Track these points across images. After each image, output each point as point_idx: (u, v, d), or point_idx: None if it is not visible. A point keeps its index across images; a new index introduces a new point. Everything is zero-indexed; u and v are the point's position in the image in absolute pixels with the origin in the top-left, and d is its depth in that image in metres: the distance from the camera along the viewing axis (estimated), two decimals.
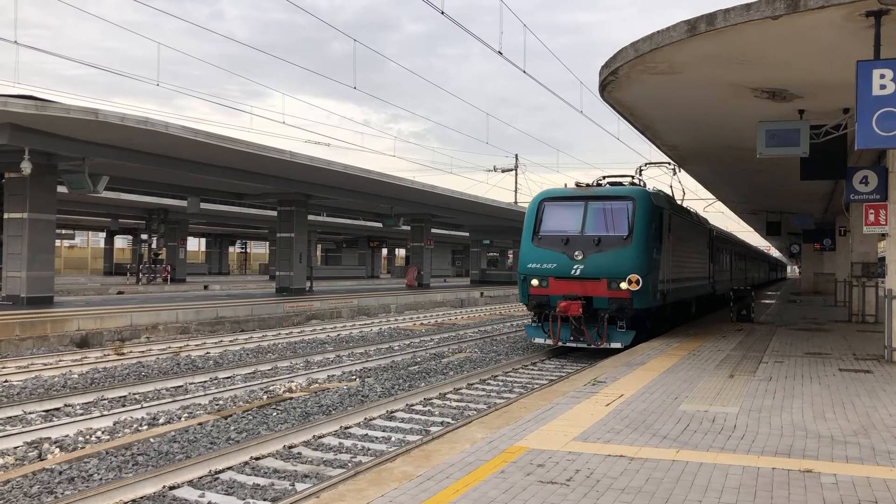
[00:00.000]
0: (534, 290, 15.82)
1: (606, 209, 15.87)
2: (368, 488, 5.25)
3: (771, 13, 9.02)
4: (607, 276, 15.11)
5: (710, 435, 6.94)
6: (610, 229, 15.58)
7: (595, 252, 15.31)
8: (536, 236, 16.13)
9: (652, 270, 15.36)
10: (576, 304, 14.84)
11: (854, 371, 11.22)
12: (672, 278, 17.47)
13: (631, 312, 15.06)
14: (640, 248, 15.20)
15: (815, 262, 46.20)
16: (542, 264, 15.69)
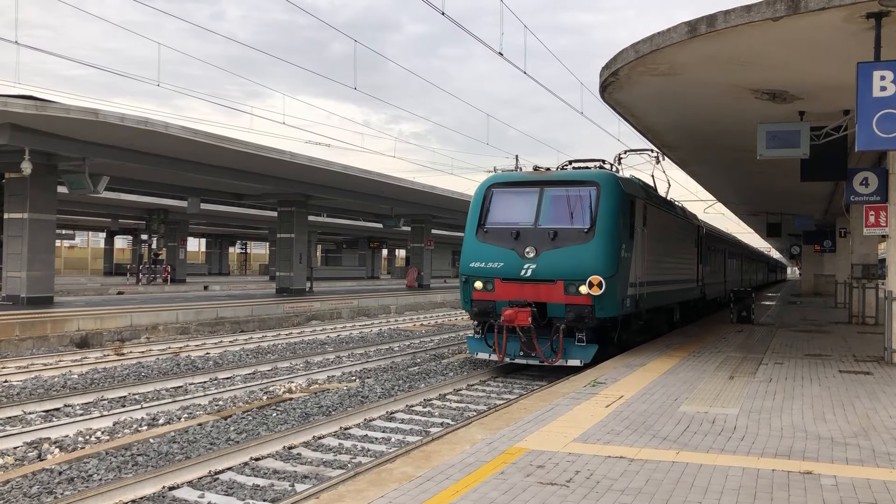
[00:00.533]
0: (477, 295, 13.26)
1: (565, 197, 13.25)
2: (368, 489, 5.25)
3: (771, 15, 9.02)
4: (564, 277, 12.50)
5: (710, 436, 6.93)
6: (568, 221, 13.02)
7: (550, 248, 12.75)
8: (482, 229, 13.52)
9: (619, 271, 12.81)
10: (523, 313, 12.42)
11: (854, 373, 11.22)
12: (648, 280, 15.03)
13: (592, 322, 12.50)
14: (604, 244, 12.59)
15: (815, 264, 46.21)
16: (487, 263, 13.13)
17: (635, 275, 13.93)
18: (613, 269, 12.58)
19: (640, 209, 14.30)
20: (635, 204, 13.95)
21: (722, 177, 24.67)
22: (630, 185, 14.07)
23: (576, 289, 12.46)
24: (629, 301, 13.57)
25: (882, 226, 14.70)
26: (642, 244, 14.52)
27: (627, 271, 13.37)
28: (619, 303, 12.94)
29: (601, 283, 12.27)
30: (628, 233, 13.42)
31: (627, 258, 13.35)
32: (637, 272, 14.06)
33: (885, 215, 14.33)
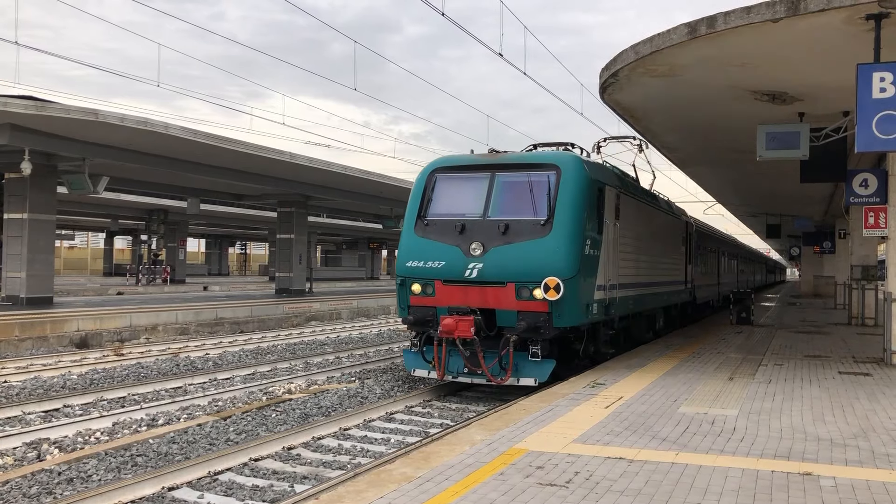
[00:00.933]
0: (415, 300, 11.29)
1: (519, 183, 11.35)
2: (367, 490, 5.25)
3: (771, 16, 9.03)
4: (515, 279, 10.61)
5: (710, 437, 6.94)
6: (522, 211, 11.07)
7: (500, 245, 10.80)
8: (421, 222, 11.55)
9: (583, 271, 10.91)
10: (465, 322, 10.46)
11: (853, 374, 11.22)
12: (623, 283, 13.18)
13: (549, 332, 10.58)
14: (563, 239, 10.69)
15: (814, 265, 46.24)
16: (427, 262, 11.16)
17: (605, 276, 12.00)
18: (574, 269, 10.63)
19: (611, 199, 12.36)
20: (605, 193, 11.97)
21: (721, 178, 24.68)
22: (599, 171, 12.14)
23: (529, 292, 10.56)
24: (597, 307, 11.63)
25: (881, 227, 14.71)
26: (615, 240, 12.57)
27: (594, 272, 11.47)
28: (582, 309, 10.97)
29: (559, 286, 10.36)
30: (595, 226, 11.48)
31: (594, 256, 11.43)
32: (608, 273, 12.14)
33: (884, 217, 14.35)
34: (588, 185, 11.23)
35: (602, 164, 13.25)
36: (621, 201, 13.03)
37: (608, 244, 12.17)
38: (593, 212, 11.42)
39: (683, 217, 20.77)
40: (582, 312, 11.02)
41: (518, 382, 10.67)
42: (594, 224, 11.45)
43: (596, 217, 11.55)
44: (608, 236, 12.16)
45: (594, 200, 11.47)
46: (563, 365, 11.29)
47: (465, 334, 10.45)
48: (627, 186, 13.92)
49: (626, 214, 13.41)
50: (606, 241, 12.06)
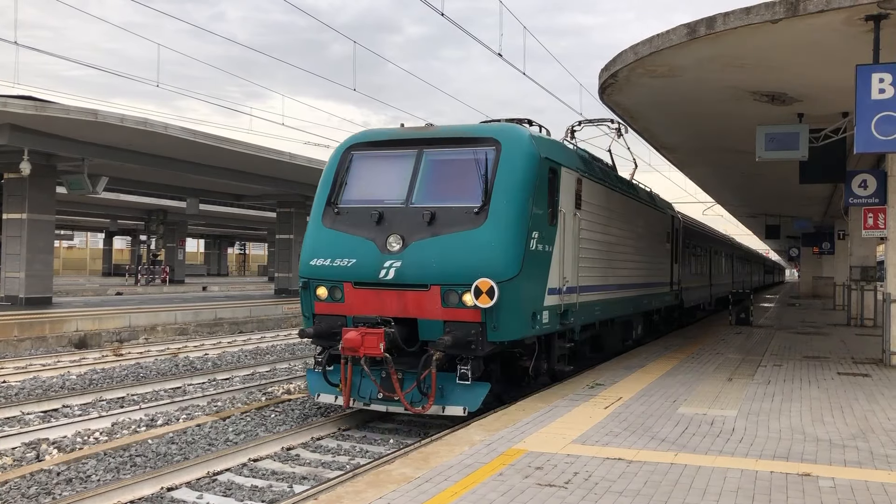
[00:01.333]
0: (321, 307, 9.32)
1: (452, 162, 9.45)
2: (366, 490, 5.25)
3: (770, 17, 9.04)
4: (441, 280, 8.65)
5: (709, 438, 6.94)
6: (453, 196, 9.15)
7: (425, 237, 8.86)
8: (332, 210, 9.60)
9: (528, 271, 8.96)
10: (373, 337, 8.40)
11: (853, 375, 11.23)
12: (587, 285, 11.34)
13: (483, 349, 8.56)
14: (501, 231, 8.73)
15: (814, 266, 46.27)
16: (335, 260, 9.20)
17: (561, 277, 10.04)
18: (515, 269, 8.67)
19: (569, 183, 10.38)
20: (560, 175, 9.98)
21: (721, 178, 24.69)
22: (552, 149, 10.07)
23: (458, 298, 8.55)
24: (549, 315, 9.67)
25: (881, 228, 14.73)
26: (575, 234, 10.67)
27: (544, 272, 9.51)
28: (526, 318, 9.00)
29: (493, 291, 8.32)
30: (546, 216, 9.51)
31: (545, 253, 9.51)
32: (565, 273, 10.21)
33: (883, 217, 14.36)
34: (535, 165, 9.23)
35: (558, 141, 11.01)
36: (584, 187, 11.16)
37: (565, 238, 10.22)
38: (543, 198, 9.41)
39: (669, 211, 18.87)
40: (526, 322, 8.97)
41: (444, 411, 8.64)
42: (544, 213, 9.43)
43: (547, 205, 9.57)
44: (566, 229, 10.23)
45: (545, 184, 9.46)
46: (510, 385, 9.79)
47: (372, 352, 8.39)
48: (594, 171, 11.99)
49: (592, 204, 11.65)
50: (563, 234, 10.10)
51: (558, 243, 9.98)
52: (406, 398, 8.62)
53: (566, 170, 10.32)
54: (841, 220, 28.14)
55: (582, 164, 11.39)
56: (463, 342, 8.53)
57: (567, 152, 10.98)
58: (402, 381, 8.67)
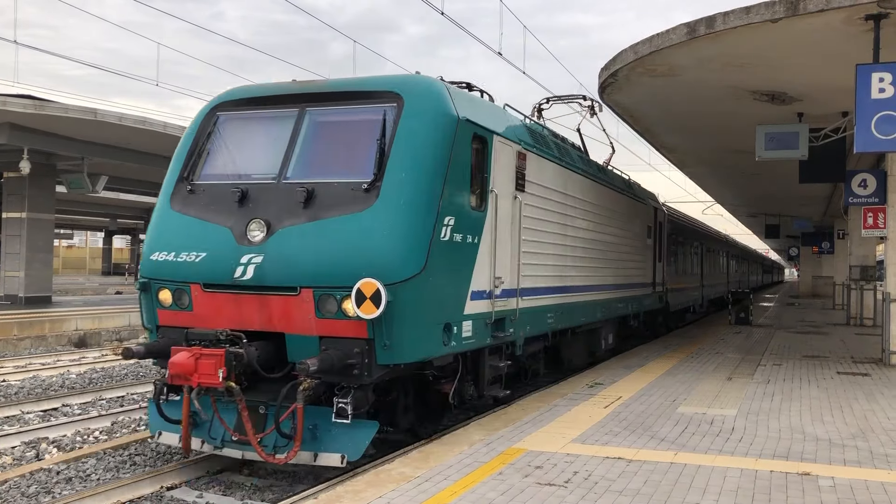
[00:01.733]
0: (165, 317, 7.19)
1: (340, 124, 7.36)
2: (366, 489, 5.25)
3: (770, 16, 9.04)
4: (314, 282, 6.56)
5: (709, 437, 6.94)
6: (338, 169, 7.03)
7: (296, 223, 6.77)
8: (184, 188, 7.46)
9: (439, 268, 6.80)
10: (210, 361, 6.30)
11: (852, 374, 11.23)
12: (535, 287, 9.26)
13: (370, 375, 6.51)
14: (397, 212, 6.64)
15: (813, 265, 46.28)
16: (180, 254, 7.06)
17: (492, 277, 7.86)
18: (416, 265, 6.50)
19: (506, 158, 8.25)
20: (491, 146, 7.79)
21: (720, 178, 24.69)
22: (480, 112, 7.80)
23: (337, 305, 6.42)
24: (474, 326, 7.49)
25: (880, 227, 14.74)
26: (515, 222, 8.54)
27: (466, 269, 7.35)
28: (435, 331, 6.83)
29: (380, 295, 6.14)
30: (468, 197, 7.33)
31: (466, 245, 7.30)
32: (499, 272, 8.06)
33: (883, 217, 14.37)
34: (450, 129, 7.02)
35: (491, 103, 8.79)
36: (531, 165, 9.06)
37: (499, 227, 8.07)
38: (463, 173, 7.22)
39: (651, 202, 16.89)
40: (433, 337, 6.80)
41: (315, 461, 6.53)
42: (464, 193, 7.26)
43: (470, 182, 7.38)
44: (500, 215, 8.07)
45: (466, 155, 7.30)
46: (427, 415, 7.97)
47: (209, 380, 6.25)
48: (547, 146, 9.92)
49: (543, 186, 9.55)
50: (495, 222, 7.93)
51: (488, 233, 7.76)
52: (265, 441, 6.43)
53: (501, 140, 8.12)
54: (840, 219, 28.15)
55: (528, 136, 9.24)
56: (341, 366, 6.28)
57: (503, 118, 8.64)
58: (266, 417, 6.56)
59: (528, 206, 8.98)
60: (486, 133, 7.78)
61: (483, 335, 7.81)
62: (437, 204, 6.83)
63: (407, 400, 7.51)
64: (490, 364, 8.23)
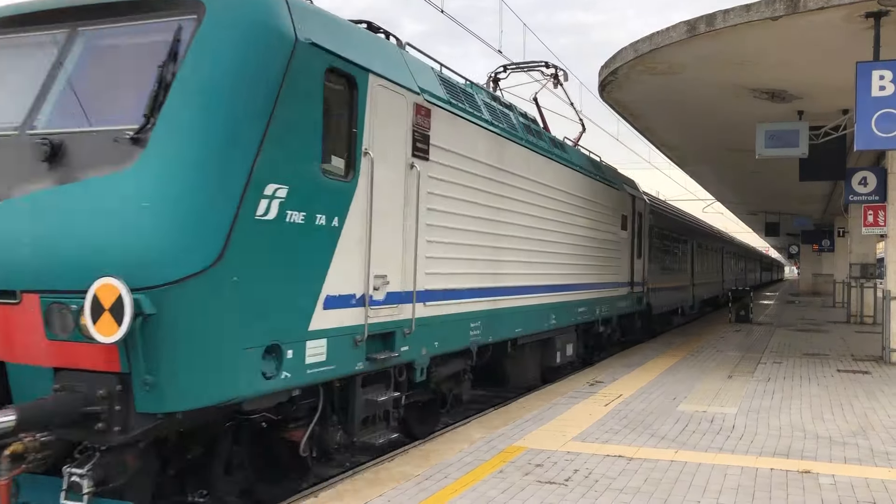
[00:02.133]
0: None
1: (117, 49, 5.07)
2: (366, 488, 5.25)
3: (770, 14, 9.03)
4: (38, 284, 4.39)
5: (709, 435, 6.94)
6: (102, 112, 4.81)
7: (29, 192, 4.58)
8: None
9: (254, 262, 4.67)
10: None
11: (852, 372, 11.23)
12: (449, 289, 7.30)
13: (123, 432, 4.29)
14: (174, 170, 4.42)
15: (813, 263, 46.28)
16: None
17: (368, 275, 5.85)
18: (204, 256, 4.39)
19: (393, 110, 6.27)
20: (365, 89, 5.80)
21: (721, 176, 24.69)
22: (340, 36, 5.68)
23: (73, 320, 4.30)
24: (332, 347, 5.45)
25: (880, 225, 14.74)
26: (411, 199, 6.54)
27: (317, 265, 5.32)
28: (248, 361, 4.66)
29: (121, 305, 4.06)
30: (317, 157, 5.26)
31: (315, 229, 5.27)
32: (384, 267, 6.12)
33: (883, 215, 14.37)
34: (282, 52, 4.96)
35: (366, 31, 6.44)
36: (441, 126, 7.02)
37: (382, 205, 6.04)
38: (310, 122, 5.19)
39: (629, 189, 14.70)
40: (244, 368, 4.63)
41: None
42: (311, 152, 5.21)
43: (328, 139, 5.38)
44: (381, 189, 6.02)
45: (315, 96, 5.25)
46: (272, 470, 5.90)
47: None
48: (465, 104, 7.74)
49: (461, 155, 7.45)
50: (370, 197, 5.84)
51: (359, 213, 5.70)
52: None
53: (386, 85, 6.09)
54: (841, 217, 28.15)
55: (437, 87, 7.12)
56: (75, 416, 4.23)
57: (393, 57, 6.47)
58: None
59: (434, 181, 6.83)
60: (354, 70, 5.63)
61: (350, 358, 5.62)
62: (251, 162, 4.65)
63: (234, 453, 5.40)
64: (366, 398, 5.99)
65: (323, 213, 5.33)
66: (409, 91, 6.48)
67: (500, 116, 8.69)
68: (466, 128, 7.58)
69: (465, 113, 7.56)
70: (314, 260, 5.27)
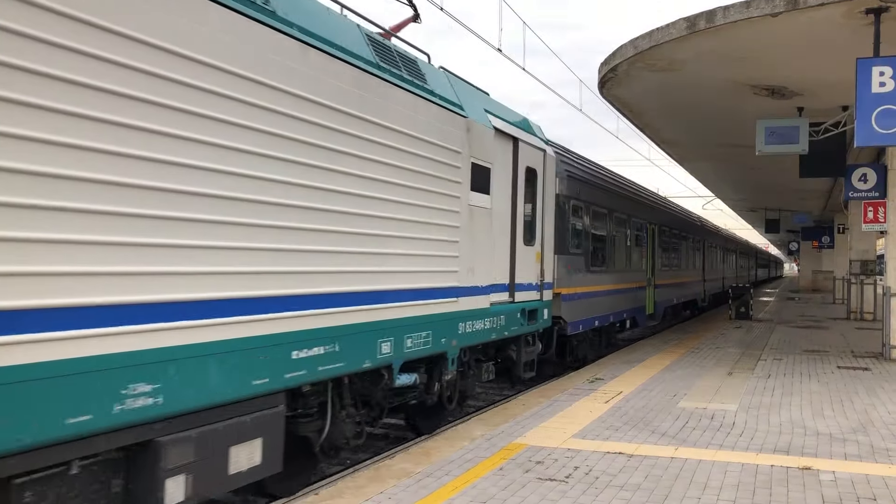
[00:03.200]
0: None
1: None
2: (367, 485, 5.25)
3: (770, 10, 9.02)
4: None
5: (709, 432, 6.94)
6: None
7: None
8: None
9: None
10: None
11: (852, 368, 11.23)
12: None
13: None
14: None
15: (813, 260, 46.30)
16: None
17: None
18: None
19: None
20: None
21: (720, 173, 24.68)
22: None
23: None
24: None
25: (881, 221, 14.74)
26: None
27: None
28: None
29: None
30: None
31: None
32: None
33: (883, 211, 14.37)
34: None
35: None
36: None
37: None
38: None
39: (515, 133, 8.91)
40: None
41: None
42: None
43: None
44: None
45: None
46: None
47: None
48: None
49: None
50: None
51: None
52: None
53: None
54: (841, 214, 28.14)
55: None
56: None
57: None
58: None
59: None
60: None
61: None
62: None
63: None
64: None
65: None
66: None
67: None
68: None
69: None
70: None
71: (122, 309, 3.78)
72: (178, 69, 4.11)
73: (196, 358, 4.24)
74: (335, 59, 5.55)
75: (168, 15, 4.05)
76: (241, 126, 4.59)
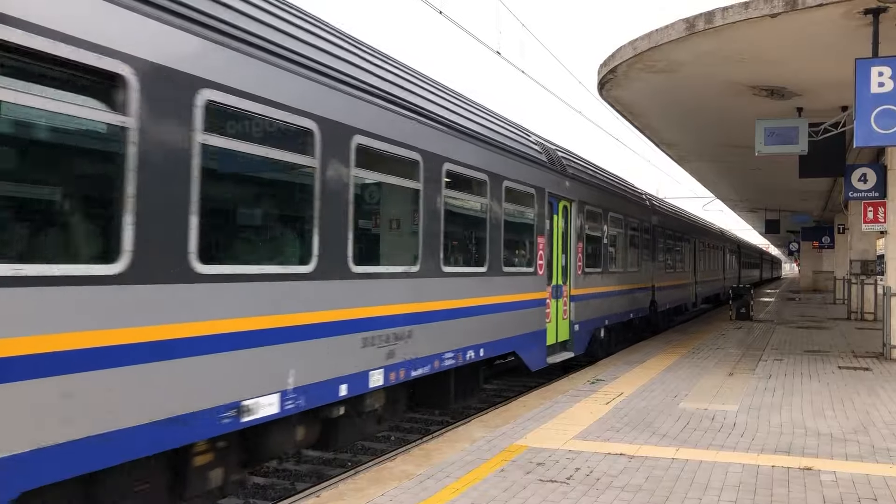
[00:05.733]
0: None
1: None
2: (368, 487, 5.25)
3: (769, 11, 9.03)
4: None
5: (710, 433, 6.94)
6: None
7: None
8: None
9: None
10: None
11: (853, 369, 11.23)
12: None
13: None
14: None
15: (814, 260, 46.29)
16: None
17: None
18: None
19: None
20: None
21: (720, 173, 24.68)
22: None
23: None
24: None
25: (881, 221, 14.75)
26: None
27: None
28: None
29: None
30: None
31: None
32: None
33: (883, 211, 14.37)
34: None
35: None
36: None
37: None
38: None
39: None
40: None
41: None
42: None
43: None
44: None
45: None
46: None
47: None
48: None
49: None
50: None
51: None
52: None
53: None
54: (841, 214, 28.14)
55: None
56: None
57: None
58: None
59: None
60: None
61: None
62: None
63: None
64: None
65: None
66: None
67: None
68: None
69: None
70: None
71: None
72: None
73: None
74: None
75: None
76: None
